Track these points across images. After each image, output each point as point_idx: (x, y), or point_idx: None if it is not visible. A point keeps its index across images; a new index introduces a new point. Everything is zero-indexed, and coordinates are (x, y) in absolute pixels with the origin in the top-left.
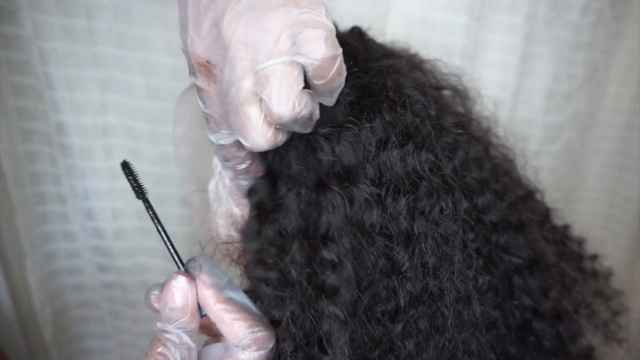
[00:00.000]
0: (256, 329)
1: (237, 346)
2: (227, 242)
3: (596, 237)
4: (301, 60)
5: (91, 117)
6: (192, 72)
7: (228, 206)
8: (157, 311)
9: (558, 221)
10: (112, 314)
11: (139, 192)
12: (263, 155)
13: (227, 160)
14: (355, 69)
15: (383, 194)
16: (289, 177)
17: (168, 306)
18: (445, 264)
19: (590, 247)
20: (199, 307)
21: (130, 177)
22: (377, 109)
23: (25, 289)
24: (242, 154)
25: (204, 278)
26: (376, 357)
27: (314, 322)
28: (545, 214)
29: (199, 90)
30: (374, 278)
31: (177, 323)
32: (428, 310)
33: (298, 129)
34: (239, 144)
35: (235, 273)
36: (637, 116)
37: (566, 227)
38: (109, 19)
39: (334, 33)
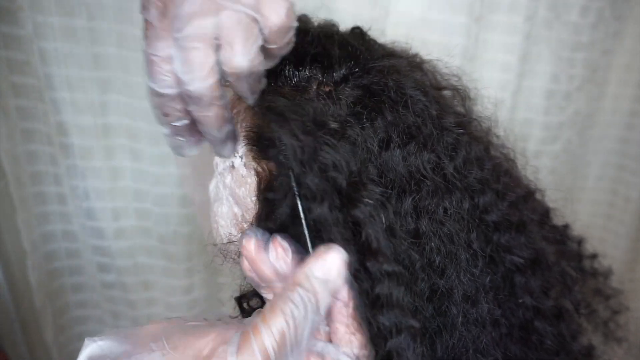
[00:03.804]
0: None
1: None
2: (228, 242)
3: (596, 237)
4: (261, 21)
5: (91, 117)
6: (144, 7)
7: (229, 206)
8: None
9: (558, 221)
10: (112, 313)
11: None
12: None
13: (165, 115)
14: (357, 69)
15: (387, 194)
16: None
17: (322, 277)
18: (453, 263)
19: (590, 247)
20: None
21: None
22: (378, 109)
23: (25, 289)
24: (180, 106)
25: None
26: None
27: None
28: (545, 213)
29: (148, 27)
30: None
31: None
32: (438, 309)
33: (244, 88)
34: (179, 95)
35: (236, 273)
36: (637, 116)
37: (566, 227)
38: (109, 19)
39: (293, 7)
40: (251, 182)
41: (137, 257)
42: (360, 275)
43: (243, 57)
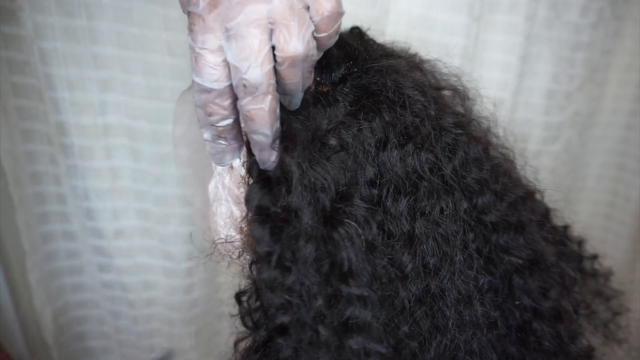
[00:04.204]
0: None
1: None
2: (226, 242)
3: (596, 237)
4: (312, 7)
5: (91, 117)
6: (191, 2)
7: (227, 206)
8: None
9: (558, 221)
10: (112, 313)
11: None
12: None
13: (209, 116)
14: (355, 69)
15: (383, 195)
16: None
17: None
18: (446, 264)
19: (590, 247)
20: None
21: None
22: (376, 109)
23: (25, 289)
24: (226, 103)
25: None
26: None
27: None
28: (545, 214)
29: (194, 21)
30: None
31: None
32: (430, 310)
33: (297, 77)
34: (227, 91)
35: (235, 272)
36: (637, 116)
37: (566, 228)
38: (109, 19)
39: None
40: (250, 182)
41: (137, 257)
42: (332, 296)
43: (299, 40)
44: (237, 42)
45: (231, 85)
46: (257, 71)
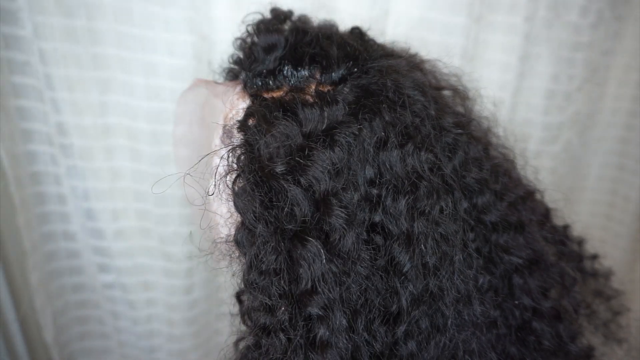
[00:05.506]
0: None
1: None
2: (226, 241)
3: (596, 237)
4: None
5: (91, 117)
6: None
7: (228, 206)
8: None
9: (558, 221)
10: (112, 314)
11: None
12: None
13: None
14: (355, 70)
15: (383, 195)
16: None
17: None
18: (446, 264)
19: (590, 247)
20: None
21: None
22: (376, 109)
23: (25, 289)
24: None
25: None
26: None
27: (308, 332)
28: (545, 214)
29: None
30: (370, 295)
31: None
32: (429, 310)
33: None
34: None
35: (234, 271)
36: (637, 117)
37: (566, 227)
38: (109, 19)
39: None
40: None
41: (137, 258)
42: (293, 310)
43: None
44: None
45: None
46: None
